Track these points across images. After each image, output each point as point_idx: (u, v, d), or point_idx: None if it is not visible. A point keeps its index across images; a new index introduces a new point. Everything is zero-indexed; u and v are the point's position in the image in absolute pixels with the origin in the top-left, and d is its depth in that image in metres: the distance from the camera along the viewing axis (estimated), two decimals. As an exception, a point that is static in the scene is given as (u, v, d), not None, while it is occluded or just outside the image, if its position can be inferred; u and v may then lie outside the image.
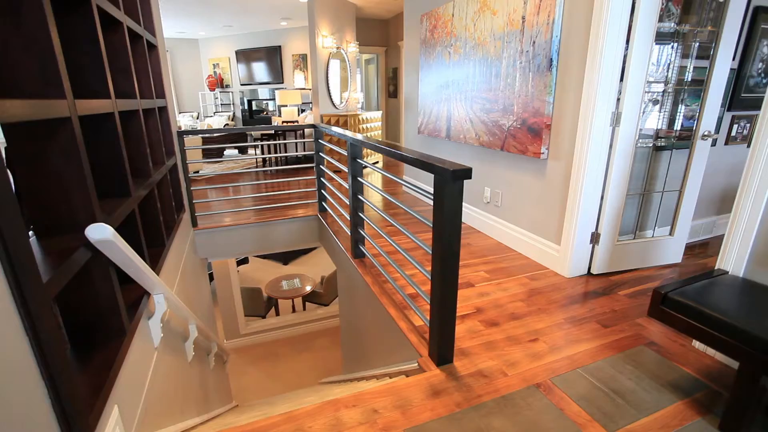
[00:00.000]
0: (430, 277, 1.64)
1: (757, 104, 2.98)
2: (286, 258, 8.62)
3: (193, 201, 3.46)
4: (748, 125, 3.10)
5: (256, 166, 6.44)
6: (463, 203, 3.59)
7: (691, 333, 1.43)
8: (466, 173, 1.39)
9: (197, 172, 5.88)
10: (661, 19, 2.21)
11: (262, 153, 6.37)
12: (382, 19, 8.04)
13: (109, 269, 1.22)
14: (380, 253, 2.32)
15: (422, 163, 1.56)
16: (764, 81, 2.97)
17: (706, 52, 2.38)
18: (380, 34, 8.17)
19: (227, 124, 9.43)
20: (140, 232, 1.71)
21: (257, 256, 8.78)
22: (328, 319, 6.66)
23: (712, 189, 3.12)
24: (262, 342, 6.25)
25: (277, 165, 6.24)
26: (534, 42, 2.54)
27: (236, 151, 6.99)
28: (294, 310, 6.95)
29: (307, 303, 7.00)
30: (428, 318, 1.73)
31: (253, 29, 9.03)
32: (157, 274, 1.84)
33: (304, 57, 8.80)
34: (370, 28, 8.01)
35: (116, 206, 1.43)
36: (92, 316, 1.22)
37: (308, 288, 6.63)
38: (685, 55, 2.39)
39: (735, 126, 3.05)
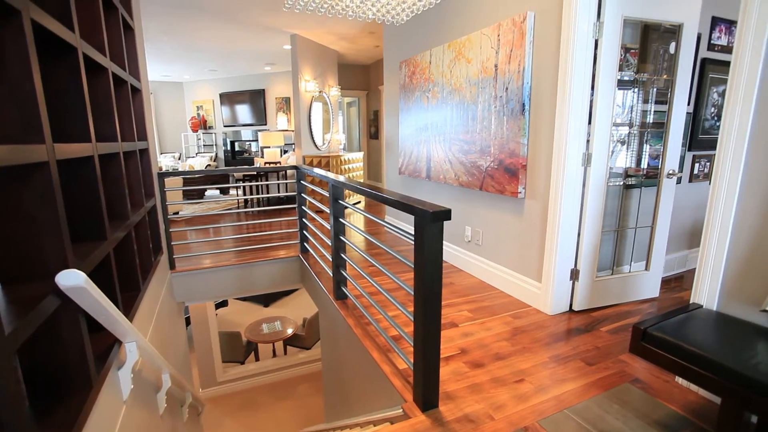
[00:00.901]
0: (413, 319, 1.62)
1: (713, 145, 3.17)
2: (267, 300, 8.39)
3: (172, 243, 3.39)
4: (708, 164, 3.29)
5: (238, 207, 6.40)
6: (445, 242, 3.62)
7: (672, 369, 1.44)
8: (446, 214, 1.41)
9: (177, 213, 5.79)
10: (621, 69, 2.39)
11: (244, 194, 6.36)
12: (363, 65, 8.40)
13: (79, 317, 1.17)
14: (363, 295, 2.30)
15: (402, 205, 1.59)
16: (717, 124, 3.20)
17: (664, 98, 2.56)
18: (361, 79, 8.50)
19: (209, 165, 9.43)
20: (114, 276, 1.66)
21: (237, 299, 8.53)
22: (310, 364, 6.42)
23: (681, 224, 3.25)
24: (241, 390, 5.94)
25: (258, 206, 6.22)
26: (507, 88, 2.68)
27: (218, 191, 6.96)
28: (275, 355, 6.68)
29: (288, 347, 6.75)
30: (412, 361, 1.69)
31: (237, 73, 9.27)
32: (131, 321, 1.76)
33: (287, 100, 9.03)
34: (351, 73, 8.34)
35: (91, 250, 1.40)
36: (57, 367, 1.16)
37: (290, 331, 6.43)
38: (645, 100, 2.57)
39: (696, 165, 3.24)
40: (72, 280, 1.02)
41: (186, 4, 4.64)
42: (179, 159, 9.84)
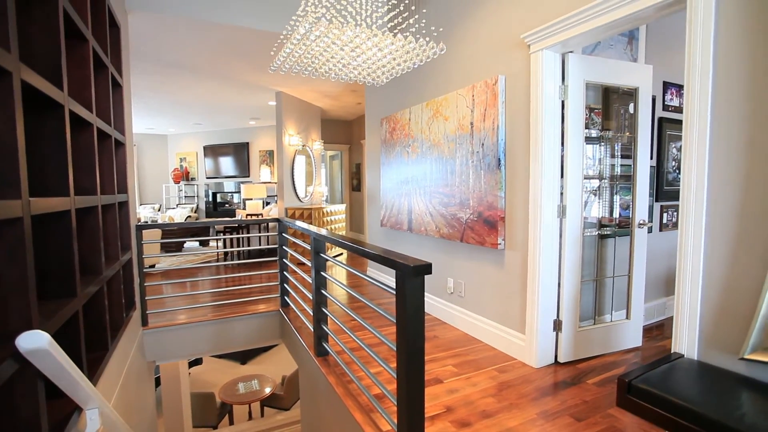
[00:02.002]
0: (395, 376, 1.57)
1: (677, 195, 3.36)
2: (244, 357, 7.99)
3: (146, 298, 3.26)
4: (675, 213, 3.45)
5: (217, 260, 6.26)
6: (428, 294, 3.60)
7: (659, 422, 1.41)
8: (426, 268, 1.42)
9: (153, 266, 5.62)
10: (587, 126, 2.56)
11: (224, 246, 6.26)
12: (345, 120, 8.73)
13: (38, 382, 1.09)
14: (344, 351, 2.23)
15: (384, 259, 1.59)
16: (679, 176, 3.39)
17: (629, 152, 2.73)
18: (344, 133, 8.79)
19: (190, 217, 9.33)
20: (81, 335, 1.57)
21: (213, 356, 8.09)
22: (288, 426, 6.00)
23: (657, 272, 3.33)
24: (211, 459, 5.46)
25: (239, 258, 6.11)
26: (483, 144, 2.82)
27: (197, 243, 6.84)
28: (251, 417, 6.25)
29: (265, 408, 6.34)
30: (395, 421, 1.62)
31: (222, 127, 9.48)
32: (95, 384, 1.65)
33: (270, 153, 9.20)
34: (334, 127, 8.63)
35: (59, 308, 1.33)
36: (8, 441, 1.06)
37: (268, 390, 6.07)
38: (612, 155, 2.73)
39: (665, 214, 3.39)
40: (34, 342, 0.97)
41: (174, 63, 4.82)
42: (159, 210, 9.72)
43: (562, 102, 2.44)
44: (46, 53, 1.42)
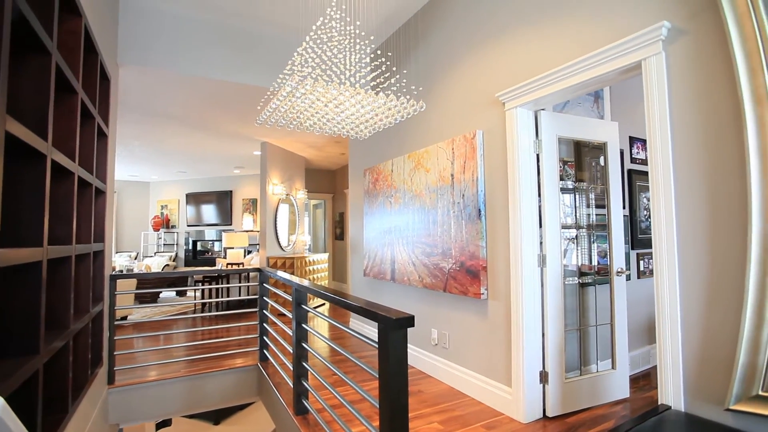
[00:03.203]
0: (379, 434, 1.49)
1: (651, 243, 3.48)
2: (217, 416, 7.45)
3: (115, 353, 3.08)
4: (651, 261, 3.54)
5: (194, 311, 6.03)
6: (412, 346, 3.51)
7: (652, 482, 1.36)
8: (409, 321, 1.41)
9: (125, 318, 5.36)
10: (562, 178, 2.68)
11: (202, 297, 6.06)
12: (329, 170, 8.89)
13: (-12, 451, 1.00)
14: (325, 408, 2.11)
15: (366, 311, 1.57)
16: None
17: (603, 202, 2.84)
18: (328, 183, 8.92)
19: (168, 265, 9.07)
20: (39, 396, 1.46)
21: (183, 416, 7.52)
22: (262, 496, 5.50)
23: (639, 319, 3.35)
24: None
25: (217, 309, 5.90)
26: (463, 195, 2.90)
27: (174, 293, 6.60)
28: (220, 487, 5.71)
29: (237, 475, 5.83)
30: (379, 486, 1.51)
31: (206, 175, 9.51)
32: (50, 452, 1.51)
33: (254, 201, 9.21)
34: (318, 177, 8.77)
35: (18, 367, 1.25)
36: None
37: (240, 455, 5.61)
38: (588, 205, 2.84)
39: (641, 262, 3.47)
40: (-11, 405, 0.89)
41: (162, 113, 4.92)
42: (136, 258, 9.44)
43: (537, 155, 2.57)
44: (34, 105, 1.45)
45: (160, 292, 6.22)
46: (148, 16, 3.48)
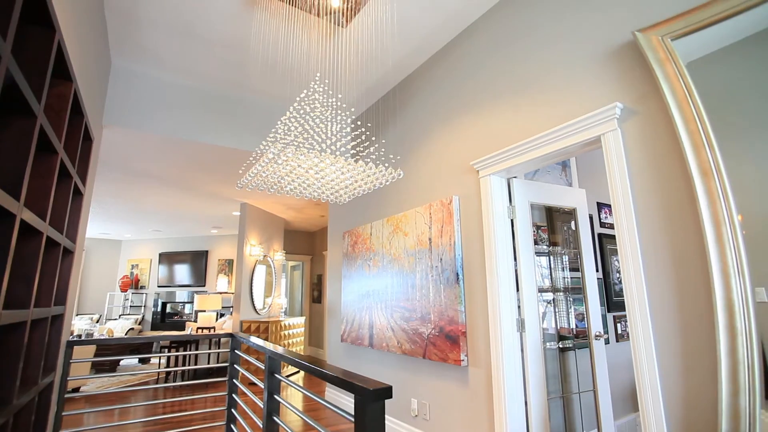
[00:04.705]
0: None
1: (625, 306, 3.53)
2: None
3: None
4: (627, 324, 3.57)
5: (157, 381, 5.59)
6: (391, 418, 3.31)
7: None
8: (387, 392, 1.35)
9: (77, 389, 4.91)
10: (536, 242, 2.76)
11: (168, 364, 5.66)
12: (308, 232, 8.89)
13: None
14: (295, 491, 1.92)
15: (342, 381, 1.50)
16: (627, 290, 3.61)
17: (577, 265, 2.91)
18: (306, 244, 8.86)
19: (132, 329, 8.52)
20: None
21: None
22: None
23: (622, 384, 3.29)
24: None
25: (183, 378, 5.49)
26: (441, 259, 2.93)
27: (137, 360, 6.14)
28: None
29: None
30: None
31: (181, 234, 9.32)
32: None
33: (230, 262, 8.99)
34: (297, 238, 8.72)
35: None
36: None
37: None
38: (563, 268, 2.90)
39: (618, 325, 3.49)
40: None
41: (141, 172, 4.92)
42: (98, 322, 8.86)
43: (512, 220, 2.66)
44: (11, 163, 1.44)
45: (121, 359, 5.78)
46: (138, 81, 3.62)
